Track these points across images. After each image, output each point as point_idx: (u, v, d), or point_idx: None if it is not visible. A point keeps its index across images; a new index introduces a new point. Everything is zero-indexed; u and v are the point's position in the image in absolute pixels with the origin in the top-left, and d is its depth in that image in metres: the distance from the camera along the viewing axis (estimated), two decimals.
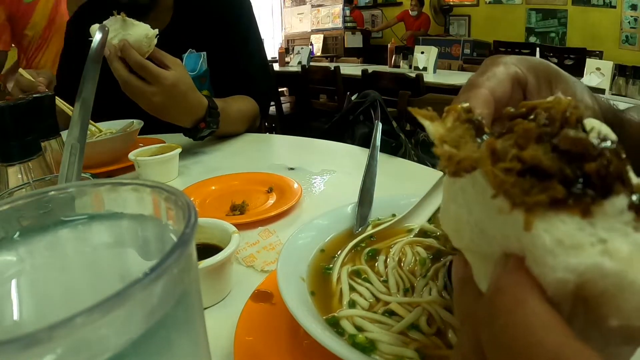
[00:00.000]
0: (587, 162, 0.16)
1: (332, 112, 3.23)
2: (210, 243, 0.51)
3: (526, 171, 0.17)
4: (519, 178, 0.17)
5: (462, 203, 0.20)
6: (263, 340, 0.37)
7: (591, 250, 0.15)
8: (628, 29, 4.86)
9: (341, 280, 0.41)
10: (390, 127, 1.07)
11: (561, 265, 0.15)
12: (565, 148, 0.16)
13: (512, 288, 0.16)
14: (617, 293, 0.15)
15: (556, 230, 0.16)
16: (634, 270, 0.15)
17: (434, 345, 0.33)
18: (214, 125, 0.98)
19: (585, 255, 0.15)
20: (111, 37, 0.82)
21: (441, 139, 0.20)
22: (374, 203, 0.53)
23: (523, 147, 0.17)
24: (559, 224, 0.16)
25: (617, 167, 0.16)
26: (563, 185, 0.16)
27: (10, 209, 0.22)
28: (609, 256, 0.15)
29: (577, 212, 0.16)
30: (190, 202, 0.20)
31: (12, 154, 0.50)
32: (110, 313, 0.14)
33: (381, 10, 7.03)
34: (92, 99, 0.39)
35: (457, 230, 0.21)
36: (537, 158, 0.16)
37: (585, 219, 0.16)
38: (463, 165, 0.18)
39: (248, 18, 1.27)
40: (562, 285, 0.15)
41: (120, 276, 0.24)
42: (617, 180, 0.16)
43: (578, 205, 0.16)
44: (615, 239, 0.15)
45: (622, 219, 0.16)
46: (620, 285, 0.15)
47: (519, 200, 0.16)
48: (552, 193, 0.16)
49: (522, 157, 0.17)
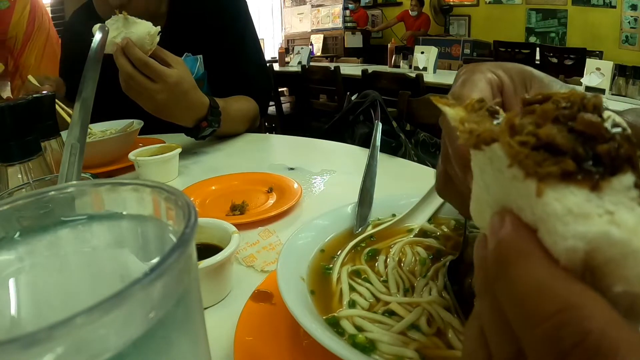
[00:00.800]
0: (599, 143, 0.17)
1: (332, 112, 3.23)
2: (210, 243, 0.51)
3: (541, 146, 0.18)
4: (534, 151, 0.18)
5: (481, 184, 0.22)
6: (263, 340, 0.37)
7: (599, 220, 0.16)
8: (628, 29, 4.86)
9: (341, 280, 0.41)
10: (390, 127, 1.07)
11: (571, 233, 0.16)
12: (580, 129, 0.17)
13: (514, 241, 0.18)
14: (621, 261, 0.16)
15: (566, 199, 0.17)
16: (638, 239, 0.15)
17: (434, 345, 0.33)
18: (216, 124, 0.98)
19: (594, 223, 0.16)
20: (114, 36, 0.82)
21: (462, 120, 0.21)
22: (374, 203, 0.53)
23: (540, 125, 0.18)
24: (569, 195, 0.17)
25: (627, 151, 0.17)
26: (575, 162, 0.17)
27: (10, 209, 0.22)
28: (616, 225, 0.16)
29: (586, 185, 0.17)
30: (190, 202, 0.20)
31: (12, 154, 0.50)
32: (110, 313, 0.14)
33: (381, 10, 7.03)
34: (92, 99, 0.39)
35: (479, 211, 0.22)
36: (551, 135, 0.17)
37: (593, 192, 0.17)
38: (483, 137, 0.19)
39: (244, 18, 1.26)
40: (572, 254, 0.16)
41: (120, 276, 0.24)
42: (626, 162, 0.17)
43: (588, 179, 0.17)
44: (622, 211, 0.16)
45: (629, 194, 0.17)
46: (625, 253, 0.16)
47: (532, 170, 0.17)
48: (564, 166, 0.17)
49: (538, 134, 0.18)
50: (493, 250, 0.19)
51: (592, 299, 0.15)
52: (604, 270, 0.16)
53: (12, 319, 0.21)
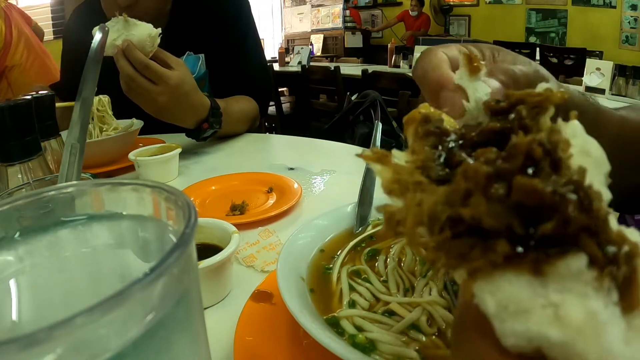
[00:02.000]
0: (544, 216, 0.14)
1: (332, 112, 3.23)
2: (210, 243, 0.51)
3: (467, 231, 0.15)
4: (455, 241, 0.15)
5: None
6: (263, 340, 0.37)
7: (541, 313, 0.14)
8: (628, 29, 4.86)
9: (341, 280, 0.41)
10: (390, 127, 1.07)
11: (509, 332, 0.14)
12: (517, 199, 0.14)
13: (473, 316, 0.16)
14: None
15: (501, 293, 0.14)
16: (584, 341, 0.13)
17: (434, 345, 0.33)
18: (217, 125, 0.98)
19: (534, 321, 0.14)
20: (114, 38, 0.82)
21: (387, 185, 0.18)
22: (374, 203, 0.53)
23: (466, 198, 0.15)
24: (505, 286, 0.14)
25: (582, 221, 0.14)
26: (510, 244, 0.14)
27: (10, 209, 0.22)
28: (559, 324, 0.13)
29: (525, 269, 0.14)
30: (190, 202, 0.20)
31: (12, 154, 0.50)
32: (110, 313, 0.14)
33: (381, 10, 7.03)
34: (92, 99, 0.39)
35: None
36: (477, 216, 0.14)
37: (537, 278, 0.14)
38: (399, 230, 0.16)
39: (246, 18, 1.27)
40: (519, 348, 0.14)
41: (120, 276, 0.24)
42: (580, 236, 0.14)
43: (527, 263, 0.14)
44: (569, 303, 0.14)
45: (582, 278, 0.14)
46: (568, 356, 0.14)
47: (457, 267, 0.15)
48: (493, 257, 0.14)
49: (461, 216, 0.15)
50: (458, 312, 0.18)
51: None
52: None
53: (12, 319, 0.21)
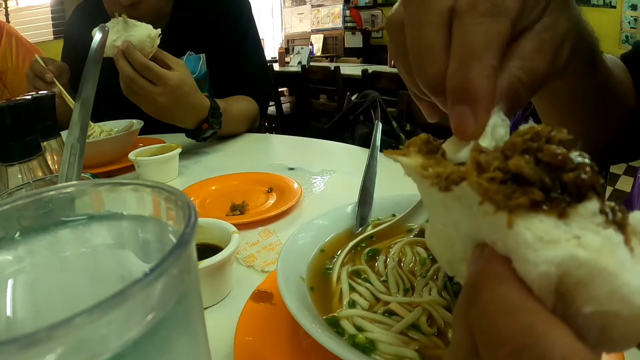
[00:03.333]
0: (565, 173, 0.18)
1: (332, 112, 3.23)
2: (210, 243, 0.51)
3: (509, 179, 0.19)
4: (502, 185, 0.19)
5: (447, 222, 0.23)
6: (263, 340, 0.37)
7: (567, 244, 0.17)
8: (628, 29, 4.86)
9: (341, 280, 0.41)
10: (390, 127, 1.07)
11: (542, 259, 0.17)
12: (546, 160, 0.19)
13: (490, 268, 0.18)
14: (589, 281, 0.16)
15: (536, 228, 0.17)
16: (604, 259, 0.16)
17: (434, 345, 0.33)
18: (217, 125, 0.98)
19: (562, 248, 0.17)
20: (114, 39, 0.82)
21: (423, 166, 0.22)
22: (374, 203, 0.53)
23: (509, 157, 0.19)
24: (538, 223, 0.17)
25: (591, 179, 0.18)
26: (542, 192, 0.18)
27: (10, 209, 0.22)
28: (582, 248, 0.17)
29: (554, 213, 0.18)
30: (190, 202, 0.20)
31: (12, 154, 0.50)
32: (110, 313, 0.14)
33: (381, 10, 7.03)
34: (92, 99, 0.39)
35: (448, 245, 0.24)
36: (520, 167, 0.18)
37: (561, 220, 0.18)
38: (452, 178, 0.20)
39: (247, 18, 1.27)
40: (545, 281, 0.17)
41: (120, 276, 0.24)
42: (591, 189, 0.18)
43: (555, 208, 0.18)
44: (588, 235, 0.17)
45: (594, 220, 0.18)
46: (592, 273, 0.16)
47: (503, 204, 0.18)
48: (532, 196, 0.18)
49: (506, 167, 0.19)
50: (469, 277, 0.19)
51: (558, 328, 0.16)
52: (574, 293, 0.17)
53: (12, 319, 0.21)
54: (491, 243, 0.19)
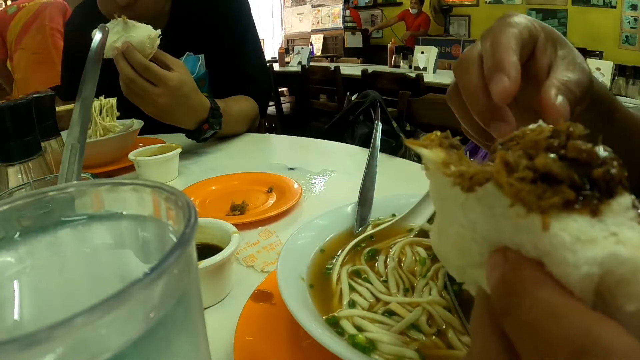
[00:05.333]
0: (593, 168, 0.18)
1: (332, 112, 3.23)
2: (210, 243, 0.51)
3: (537, 179, 0.18)
4: (533, 185, 0.18)
5: (464, 223, 0.22)
6: (263, 340, 0.37)
7: (605, 242, 0.16)
8: (628, 29, 4.86)
9: (341, 280, 0.41)
10: (390, 127, 1.07)
11: (582, 260, 0.16)
12: (572, 156, 0.18)
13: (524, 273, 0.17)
14: (632, 278, 0.16)
15: (571, 228, 0.17)
16: None
17: (434, 345, 0.33)
18: (217, 126, 0.98)
19: (601, 247, 0.16)
20: (114, 40, 0.82)
21: (444, 162, 0.21)
22: (374, 203, 0.53)
23: (533, 157, 0.19)
24: (572, 223, 0.17)
25: (620, 173, 0.18)
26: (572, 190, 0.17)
27: (10, 209, 0.22)
28: (622, 245, 0.16)
29: (587, 211, 0.17)
30: (190, 202, 0.20)
31: (12, 154, 0.50)
32: (110, 313, 0.14)
33: (381, 10, 7.03)
34: (92, 99, 0.39)
35: (462, 248, 0.22)
36: (548, 165, 0.18)
37: (595, 218, 0.17)
38: (477, 179, 0.19)
39: (246, 18, 1.27)
40: (586, 282, 0.16)
41: (120, 276, 0.24)
42: (619, 184, 0.18)
43: (587, 206, 0.17)
44: (625, 231, 0.17)
45: (628, 215, 0.17)
46: (634, 270, 0.16)
47: (535, 205, 0.17)
48: (564, 195, 0.17)
49: (534, 166, 0.18)
50: (498, 284, 0.18)
51: (613, 327, 0.15)
52: (614, 292, 0.16)
53: (12, 319, 0.21)
54: (515, 246, 0.18)
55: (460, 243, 0.22)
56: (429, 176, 0.23)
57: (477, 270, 0.22)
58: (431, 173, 0.23)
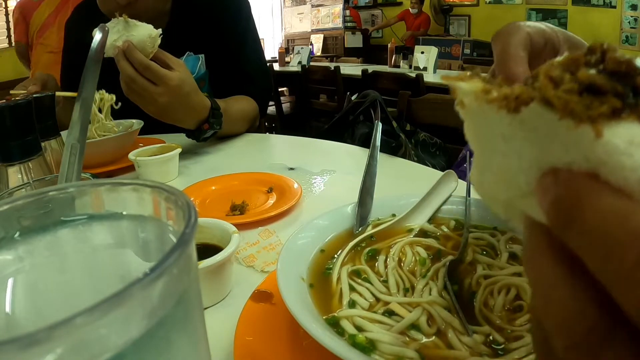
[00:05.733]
0: (634, 78, 0.18)
1: (332, 112, 3.23)
2: (210, 243, 0.51)
3: (582, 91, 0.18)
4: (580, 97, 0.18)
5: (507, 152, 0.21)
6: (263, 340, 0.37)
7: None
8: (628, 29, 4.86)
9: (341, 280, 0.41)
10: (390, 127, 1.07)
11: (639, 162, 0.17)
12: (612, 69, 0.18)
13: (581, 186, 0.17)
14: None
15: (622, 134, 0.17)
16: None
17: (434, 345, 0.33)
18: (217, 126, 0.98)
19: None
20: (114, 39, 0.82)
21: (484, 90, 0.21)
22: (374, 203, 0.53)
23: (574, 72, 0.19)
24: (622, 130, 0.17)
25: None
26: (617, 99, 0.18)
27: (10, 209, 0.22)
28: None
29: (634, 118, 0.17)
30: (190, 202, 0.20)
31: (12, 154, 0.50)
32: (110, 313, 0.14)
33: (381, 10, 7.03)
34: (93, 99, 0.39)
35: (508, 180, 0.22)
36: (592, 77, 0.18)
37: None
38: (522, 98, 0.19)
39: (246, 18, 1.27)
40: None
41: (120, 276, 0.24)
42: None
43: (634, 112, 0.17)
44: None
45: None
46: None
47: (585, 116, 0.18)
48: (612, 104, 0.17)
49: (578, 79, 0.18)
50: (554, 202, 0.18)
51: None
52: None
53: (12, 319, 0.21)
54: (566, 164, 0.19)
55: (506, 175, 0.22)
56: (464, 114, 0.23)
57: (527, 200, 0.22)
58: (467, 109, 0.22)
